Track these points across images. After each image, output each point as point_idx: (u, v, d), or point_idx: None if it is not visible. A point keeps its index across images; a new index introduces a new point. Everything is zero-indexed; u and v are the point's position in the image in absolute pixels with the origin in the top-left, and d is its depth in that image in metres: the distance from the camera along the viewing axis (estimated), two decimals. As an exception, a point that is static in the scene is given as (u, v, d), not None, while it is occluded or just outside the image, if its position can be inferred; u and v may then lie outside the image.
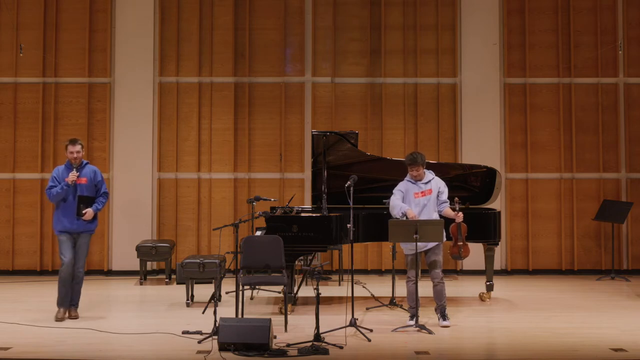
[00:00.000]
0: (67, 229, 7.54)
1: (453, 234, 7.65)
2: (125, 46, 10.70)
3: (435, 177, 7.48)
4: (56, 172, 7.67)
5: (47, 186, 7.66)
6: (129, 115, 10.64)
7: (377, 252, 10.71)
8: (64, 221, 7.54)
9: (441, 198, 7.42)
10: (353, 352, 6.37)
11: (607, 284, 9.86)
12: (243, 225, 7.93)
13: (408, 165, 7.36)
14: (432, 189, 7.37)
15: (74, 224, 7.53)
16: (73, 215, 7.51)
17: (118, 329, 7.12)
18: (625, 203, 10.43)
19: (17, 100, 10.67)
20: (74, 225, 7.53)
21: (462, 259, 7.98)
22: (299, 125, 10.82)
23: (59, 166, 7.76)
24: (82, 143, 7.69)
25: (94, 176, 7.70)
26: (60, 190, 7.53)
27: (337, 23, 10.89)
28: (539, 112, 10.86)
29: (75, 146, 7.61)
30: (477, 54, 10.80)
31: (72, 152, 7.60)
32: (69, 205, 7.56)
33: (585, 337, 6.91)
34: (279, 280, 7.50)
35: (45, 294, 9.16)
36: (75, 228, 7.54)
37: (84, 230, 7.59)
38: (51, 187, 7.59)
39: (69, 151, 7.62)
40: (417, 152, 7.43)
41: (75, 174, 7.52)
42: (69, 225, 7.53)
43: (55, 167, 7.80)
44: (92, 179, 7.67)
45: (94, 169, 7.77)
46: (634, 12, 10.92)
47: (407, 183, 7.41)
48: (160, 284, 9.88)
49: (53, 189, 7.57)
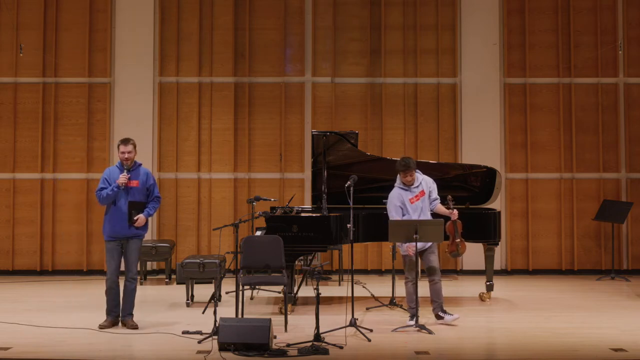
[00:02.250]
0: (117, 234, 7.10)
1: (450, 232, 7.65)
2: (125, 46, 10.70)
3: (423, 175, 7.47)
4: (107, 173, 7.20)
5: (97, 187, 7.18)
6: (129, 115, 10.64)
7: (377, 252, 10.71)
8: (114, 226, 7.10)
9: (432, 196, 7.44)
10: (353, 352, 6.37)
11: (607, 284, 9.86)
12: (243, 225, 7.92)
13: (402, 171, 7.29)
14: (424, 190, 7.37)
15: (125, 230, 7.08)
16: (124, 220, 7.06)
17: (118, 329, 7.12)
18: (625, 203, 10.43)
19: (17, 100, 10.67)
20: (125, 231, 7.09)
21: (460, 256, 8.00)
22: (299, 125, 10.82)
23: (110, 167, 7.36)
24: (134, 143, 7.19)
25: (146, 179, 7.22)
26: (111, 192, 7.06)
27: (337, 23, 10.90)
28: (539, 112, 10.86)
29: (127, 146, 7.12)
30: (477, 54, 10.80)
31: (123, 152, 7.12)
32: (118, 209, 7.09)
33: (585, 337, 6.90)
34: (279, 280, 7.49)
35: (45, 294, 9.18)
36: (126, 233, 7.10)
37: (134, 236, 7.14)
38: (101, 188, 7.12)
39: (120, 151, 7.14)
40: (407, 157, 7.38)
41: (126, 175, 7.06)
42: (120, 230, 7.09)
43: (107, 168, 7.40)
44: (144, 182, 7.20)
45: (147, 172, 7.28)
46: (634, 12, 10.92)
47: (400, 192, 7.34)
48: (160, 284, 9.88)
49: (103, 190, 7.10)
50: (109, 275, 7.15)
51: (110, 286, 7.16)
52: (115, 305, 7.20)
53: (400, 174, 7.34)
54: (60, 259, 10.60)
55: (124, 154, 7.15)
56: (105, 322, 7.18)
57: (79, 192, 10.62)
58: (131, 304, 7.25)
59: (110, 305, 7.20)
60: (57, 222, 10.61)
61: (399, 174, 7.35)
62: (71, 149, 10.67)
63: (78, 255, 10.58)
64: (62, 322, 7.37)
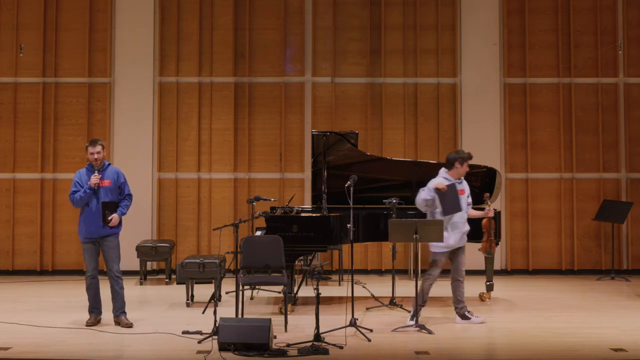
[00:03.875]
0: (91, 234, 7.20)
1: (486, 229, 7.68)
2: (125, 46, 10.70)
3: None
4: (78, 176, 7.27)
5: (70, 191, 7.25)
6: (129, 115, 10.64)
7: (377, 252, 10.71)
8: (89, 227, 7.20)
9: (469, 200, 7.49)
10: (353, 352, 6.37)
11: (607, 284, 9.86)
12: (243, 225, 7.92)
13: (467, 160, 7.34)
14: (465, 190, 7.43)
15: (99, 230, 7.18)
16: (97, 221, 7.16)
17: (118, 329, 7.13)
18: (625, 203, 10.43)
19: (17, 100, 10.67)
20: (99, 230, 7.18)
21: (492, 255, 8.04)
22: (299, 125, 10.82)
23: (80, 169, 7.37)
24: (102, 143, 7.30)
25: (117, 178, 7.30)
26: (84, 194, 7.15)
27: (337, 23, 10.89)
28: (539, 112, 10.86)
29: (96, 147, 7.20)
30: (477, 54, 10.80)
31: (92, 154, 7.21)
32: (92, 210, 7.19)
33: (585, 337, 6.91)
34: (279, 280, 7.50)
35: (45, 294, 9.18)
36: (100, 233, 7.19)
37: (109, 234, 7.24)
38: (74, 192, 7.20)
39: (89, 152, 7.24)
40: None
41: (97, 176, 7.16)
42: (94, 230, 7.19)
43: (77, 171, 7.38)
44: (116, 181, 7.29)
45: (117, 170, 7.36)
46: (634, 12, 10.92)
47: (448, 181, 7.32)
48: (160, 284, 9.88)
49: (76, 193, 7.18)
50: (87, 273, 7.32)
51: (89, 284, 7.31)
52: (96, 302, 7.33)
53: (457, 166, 7.32)
54: (60, 259, 10.60)
55: (93, 155, 7.24)
56: (90, 319, 7.30)
57: (79, 192, 10.61)
58: (122, 302, 7.31)
59: (92, 303, 7.33)
60: (57, 222, 10.61)
61: (458, 165, 7.32)
62: (71, 149, 10.66)
63: (78, 255, 10.55)
64: (62, 322, 7.38)
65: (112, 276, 7.29)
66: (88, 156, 7.29)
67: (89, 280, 7.30)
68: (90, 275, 7.29)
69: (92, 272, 7.28)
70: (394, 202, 8.11)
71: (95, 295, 7.32)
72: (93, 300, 7.33)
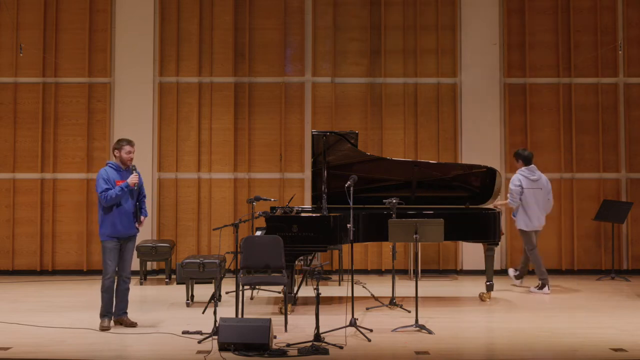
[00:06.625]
0: (119, 233, 7.15)
1: None
2: (125, 46, 10.70)
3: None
4: (105, 175, 7.16)
5: (100, 189, 7.10)
6: (129, 115, 10.64)
7: (377, 252, 10.71)
8: (116, 226, 7.14)
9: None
10: (353, 352, 6.37)
11: (607, 284, 9.86)
12: (243, 225, 7.93)
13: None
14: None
15: (127, 229, 7.20)
16: (129, 220, 7.19)
17: (118, 329, 7.13)
18: (625, 203, 10.43)
19: (17, 100, 10.67)
20: (127, 230, 7.20)
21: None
22: (299, 125, 10.82)
23: (105, 168, 7.27)
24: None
25: (139, 179, 7.35)
26: (120, 192, 7.09)
27: (337, 23, 10.89)
28: (539, 112, 10.86)
29: (134, 147, 7.31)
30: (477, 54, 10.80)
31: (129, 152, 7.25)
32: (124, 209, 7.16)
33: (585, 337, 6.91)
34: (279, 280, 7.50)
35: (45, 294, 9.18)
36: (129, 232, 7.23)
37: (135, 234, 7.32)
38: (106, 189, 7.08)
39: (125, 151, 7.24)
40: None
41: (137, 175, 7.21)
42: (123, 230, 7.16)
43: (102, 169, 7.25)
44: (140, 182, 7.38)
45: (138, 172, 7.36)
46: (634, 12, 10.92)
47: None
48: (160, 284, 9.88)
49: (109, 191, 7.08)
50: (110, 274, 7.15)
51: (108, 286, 7.18)
52: (111, 305, 7.24)
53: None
54: (60, 259, 10.60)
55: (130, 154, 7.29)
56: (104, 323, 7.16)
57: (79, 192, 10.62)
58: (127, 302, 7.35)
59: (108, 306, 7.20)
60: (57, 222, 10.61)
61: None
62: (71, 149, 10.67)
63: (78, 255, 10.58)
64: (62, 322, 7.38)
65: (124, 276, 7.29)
66: (122, 155, 7.25)
67: (109, 282, 7.17)
68: (110, 277, 7.17)
69: (114, 273, 7.19)
70: (394, 202, 8.11)
71: (111, 298, 7.23)
72: (109, 302, 7.22)
